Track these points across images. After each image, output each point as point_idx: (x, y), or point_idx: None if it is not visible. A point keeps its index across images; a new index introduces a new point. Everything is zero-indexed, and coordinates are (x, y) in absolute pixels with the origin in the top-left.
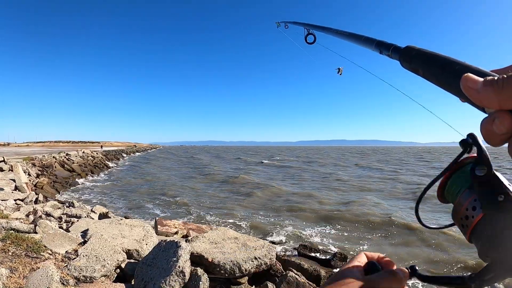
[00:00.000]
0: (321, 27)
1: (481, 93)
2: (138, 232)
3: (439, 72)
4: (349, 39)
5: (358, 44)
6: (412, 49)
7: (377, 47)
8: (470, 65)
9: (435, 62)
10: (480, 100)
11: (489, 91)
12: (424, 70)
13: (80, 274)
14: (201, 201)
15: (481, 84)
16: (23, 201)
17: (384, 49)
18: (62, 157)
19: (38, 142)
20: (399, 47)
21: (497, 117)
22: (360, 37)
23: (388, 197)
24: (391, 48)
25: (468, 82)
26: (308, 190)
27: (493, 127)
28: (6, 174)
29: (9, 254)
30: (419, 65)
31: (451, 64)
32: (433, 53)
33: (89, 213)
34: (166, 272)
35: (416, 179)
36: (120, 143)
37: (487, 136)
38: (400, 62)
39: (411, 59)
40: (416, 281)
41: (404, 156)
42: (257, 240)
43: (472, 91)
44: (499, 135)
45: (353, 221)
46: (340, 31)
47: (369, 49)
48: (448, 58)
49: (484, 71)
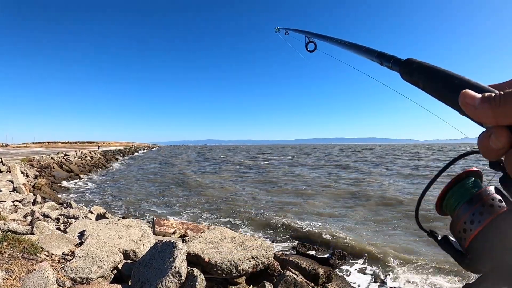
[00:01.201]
0: (323, 35)
1: (478, 110)
2: (135, 233)
3: (438, 86)
4: (350, 49)
5: (359, 54)
6: (412, 62)
7: (378, 58)
8: (469, 79)
9: (435, 76)
10: (478, 116)
11: (486, 108)
12: (424, 83)
13: (77, 276)
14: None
15: (479, 101)
16: (20, 203)
17: (385, 60)
18: (60, 158)
19: (36, 143)
20: (399, 59)
21: (493, 133)
22: (361, 47)
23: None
24: (392, 60)
25: (466, 99)
26: (249, 189)
27: (490, 142)
28: (4, 175)
29: (6, 256)
30: (419, 78)
31: (450, 79)
32: (433, 67)
33: (87, 213)
34: (163, 273)
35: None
36: (118, 143)
37: (484, 150)
38: (400, 74)
39: (412, 71)
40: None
41: (391, 153)
42: (255, 240)
43: (470, 107)
44: (495, 150)
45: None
46: (342, 41)
47: (369, 60)
48: (448, 72)
49: (482, 86)
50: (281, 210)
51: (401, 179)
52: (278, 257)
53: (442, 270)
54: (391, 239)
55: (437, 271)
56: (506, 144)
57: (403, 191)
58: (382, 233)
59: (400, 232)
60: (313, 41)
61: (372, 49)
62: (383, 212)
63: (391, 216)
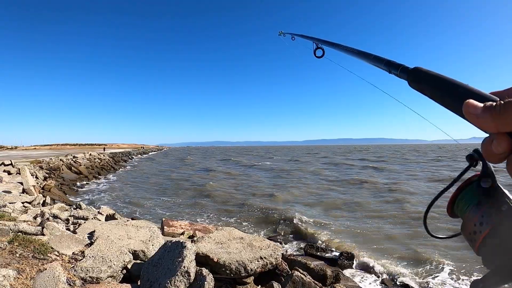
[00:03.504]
0: (331, 42)
1: (480, 119)
2: (144, 233)
3: (444, 95)
4: (359, 57)
5: (367, 62)
6: (419, 71)
7: (386, 66)
8: (472, 88)
9: (441, 85)
10: (480, 124)
11: (487, 116)
12: (431, 91)
13: (87, 275)
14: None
15: (481, 110)
16: (30, 204)
17: (393, 68)
18: (69, 160)
19: (45, 145)
20: (407, 68)
21: (495, 139)
22: (369, 55)
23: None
24: (400, 68)
25: (469, 108)
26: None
27: (492, 147)
28: (14, 177)
29: (17, 255)
30: (426, 87)
31: (455, 87)
32: (439, 76)
33: (96, 214)
34: (172, 272)
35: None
36: (127, 145)
37: (487, 155)
38: (408, 82)
39: (419, 80)
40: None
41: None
42: (263, 240)
43: (473, 116)
44: (497, 154)
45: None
46: (350, 48)
47: (378, 67)
48: (453, 81)
49: (484, 95)
50: (290, 210)
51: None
52: (286, 257)
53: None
54: (400, 241)
55: (448, 272)
56: (507, 150)
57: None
58: (392, 236)
59: (407, 232)
60: (321, 47)
61: (381, 57)
62: (399, 218)
63: (403, 220)
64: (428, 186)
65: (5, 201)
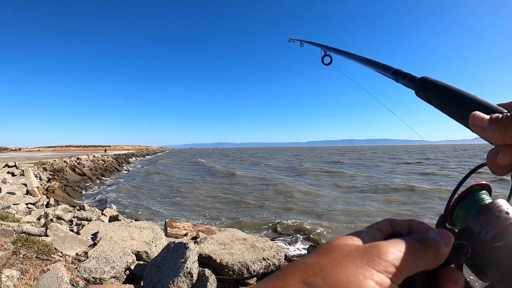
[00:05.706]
0: (339, 50)
1: (487, 131)
2: (147, 234)
3: (450, 105)
4: (366, 65)
5: (375, 70)
6: (426, 80)
7: (393, 75)
8: (479, 99)
9: (447, 95)
10: (486, 136)
11: (494, 129)
12: (437, 101)
13: (90, 276)
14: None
15: (487, 123)
16: (34, 205)
17: (400, 77)
18: (73, 161)
19: (49, 147)
20: (414, 77)
21: (501, 151)
22: (377, 64)
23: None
24: (407, 77)
25: (475, 121)
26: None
27: (498, 159)
28: (17, 178)
29: (20, 256)
30: (432, 96)
31: (462, 98)
32: (446, 86)
33: (100, 216)
34: (174, 273)
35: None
36: (130, 147)
37: (492, 166)
38: (415, 92)
39: (426, 90)
40: None
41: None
42: (266, 241)
43: (479, 128)
44: (503, 166)
45: None
46: (358, 56)
47: (385, 76)
48: (460, 91)
49: (491, 106)
50: (294, 212)
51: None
52: (289, 258)
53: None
54: None
55: None
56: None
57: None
58: None
59: None
60: (329, 55)
61: (388, 66)
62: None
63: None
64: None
65: (9, 202)
